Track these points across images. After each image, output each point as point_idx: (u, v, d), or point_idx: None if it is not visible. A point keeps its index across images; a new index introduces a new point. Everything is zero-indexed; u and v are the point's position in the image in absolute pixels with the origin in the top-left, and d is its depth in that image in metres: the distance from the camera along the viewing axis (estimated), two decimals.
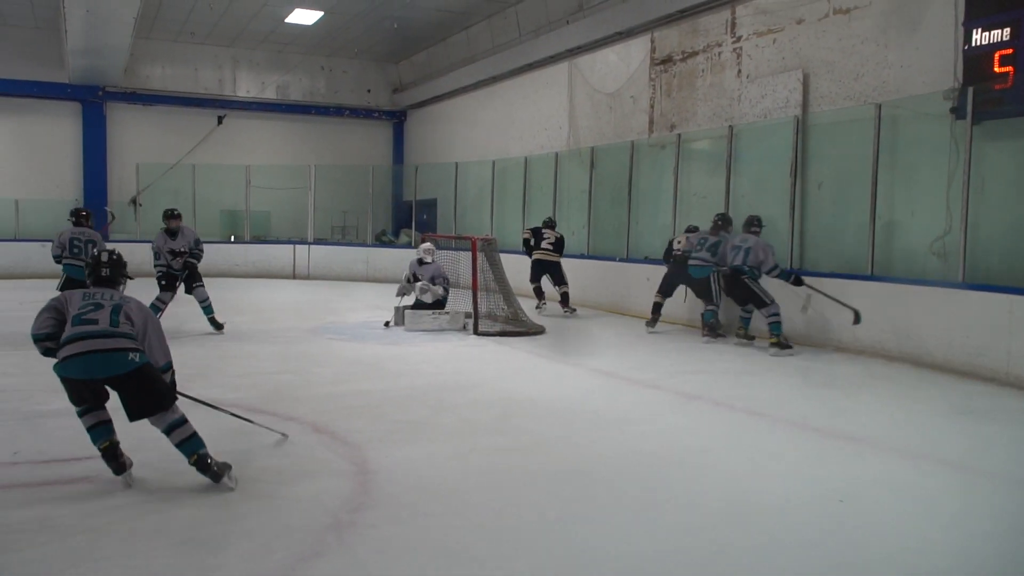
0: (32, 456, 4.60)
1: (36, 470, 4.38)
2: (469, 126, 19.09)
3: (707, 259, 9.71)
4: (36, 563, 3.22)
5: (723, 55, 11.62)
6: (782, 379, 7.52)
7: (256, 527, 3.61)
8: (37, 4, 16.24)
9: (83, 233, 9.34)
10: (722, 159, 11.10)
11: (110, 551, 3.34)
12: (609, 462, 4.79)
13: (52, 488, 4.10)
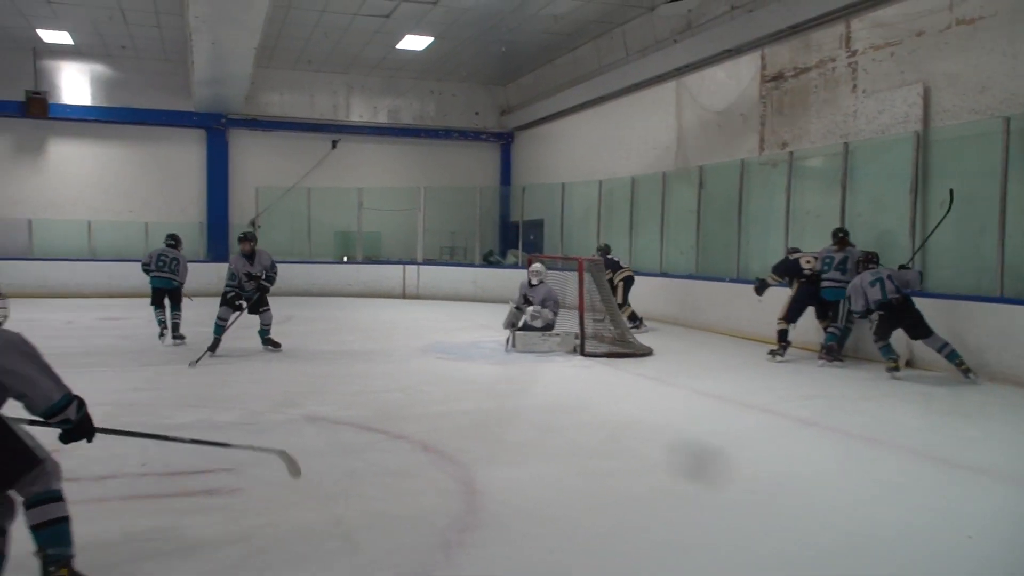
0: (158, 468, 4.82)
1: (162, 482, 4.58)
2: (576, 146, 19.14)
3: (839, 279, 9.45)
4: (159, 573, 3.37)
5: (837, 70, 11.31)
6: (903, 405, 7.21)
7: (366, 543, 3.69)
8: (167, 38, 17.19)
9: (168, 252, 10.81)
10: (837, 177, 10.78)
11: (229, 562, 3.46)
12: (719, 488, 4.69)
13: (176, 500, 4.28)
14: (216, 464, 4.78)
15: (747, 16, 12.53)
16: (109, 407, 6.50)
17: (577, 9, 15.07)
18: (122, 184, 19.78)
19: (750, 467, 5.14)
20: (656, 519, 4.13)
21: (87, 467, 4.78)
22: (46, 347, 3.11)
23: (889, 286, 8.52)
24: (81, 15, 15.69)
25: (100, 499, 4.23)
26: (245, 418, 6.20)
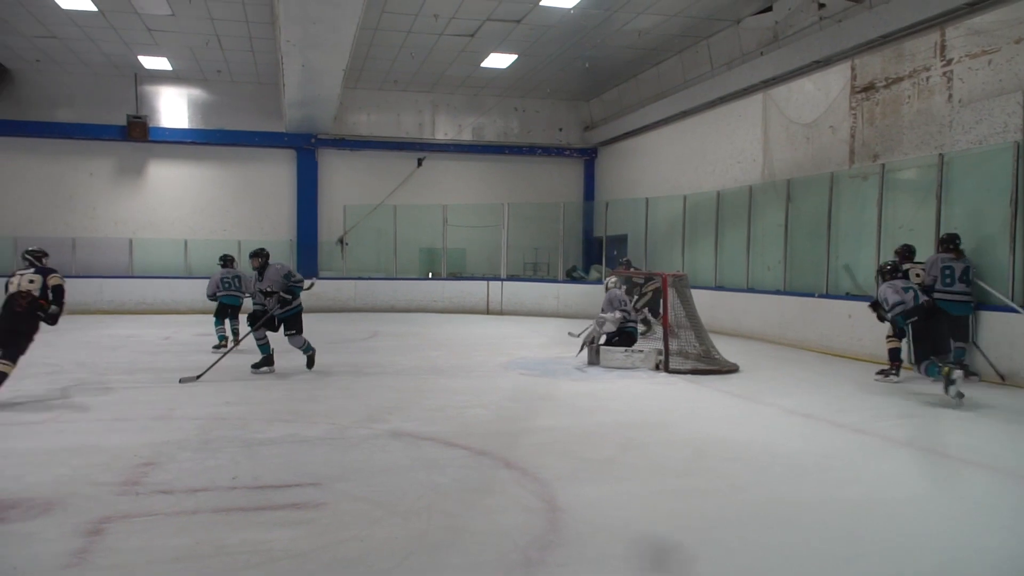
0: (248, 482, 4.95)
1: (251, 495, 4.70)
2: (660, 161, 19.01)
3: (966, 291, 9.08)
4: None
5: (931, 79, 10.97)
6: (1003, 425, 6.90)
7: (448, 559, 3.71)
8: (260, 62, 17.79)
9: (229, 272, 12.08)
10: (931, 189, 10.43)
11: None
12: (808, 509, 4.56)
13: (265, 513, 4.39)
14: (303, 479, 4.89)
15: (836, 26, 12.27)
16: (202, 420, 6.72)
17: (661, 24, 15.00)
18: (216, 203, 20.50)
19: (840, 488, 4.99)
20: (742, 541, 4.04)
21: (181, 480, 4.95)
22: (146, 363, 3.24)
23: None
24: (180, 42, 16.37)
25: (193, 511, 4.37)
26: (332, 433, 6.32)
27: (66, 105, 19.25)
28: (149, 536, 3.99)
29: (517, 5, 14.02)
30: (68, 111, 19.26)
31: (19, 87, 18.95)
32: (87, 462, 5.33)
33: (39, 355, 10.76)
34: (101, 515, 4.27)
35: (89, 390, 8.23)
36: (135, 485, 4.81)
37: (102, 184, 19.84)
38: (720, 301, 14.46)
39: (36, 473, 5.06)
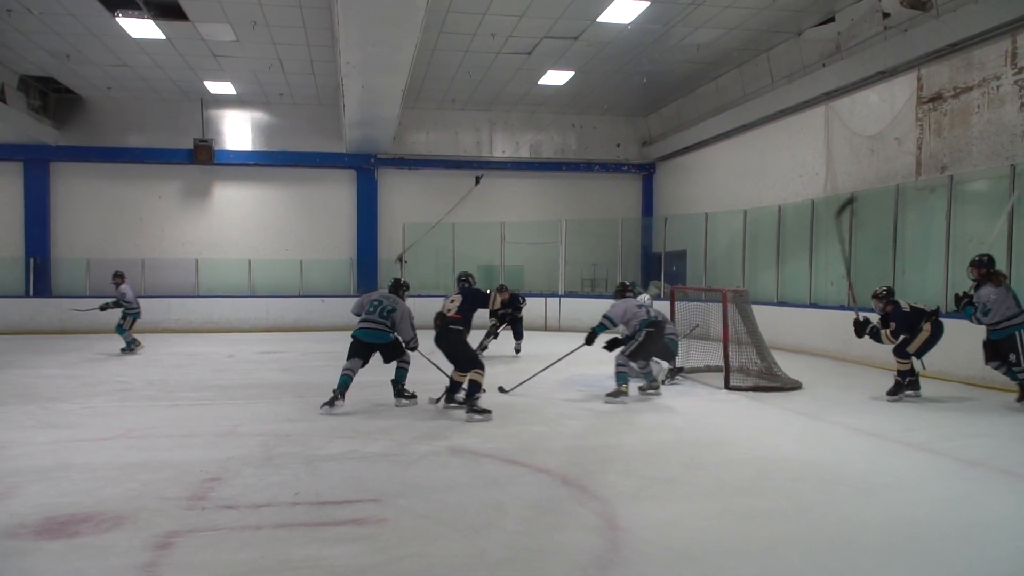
0: (310, 497, 4.99)
1: (313, 511, 4.75)
2: (719, 176, 18.81)
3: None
4: None
5: (1002, 88, 10.67)
6: None
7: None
8: (320, 84, 18.12)
9: (386, 298, 8.69)
10: (1003, 201, 10.13)
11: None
12: (876, 531, 4.43)
13: (326, 529, 4.42)
14: (364, 495, 4.92)
15: (901, 36, 12.03)
16: (265, 437, 6.82)
17: (720, 37, 14.89)
18: (279, 223, 20.88)
19: (908, 510, 4.84)
20: (809, 563, 3.95)
21: (246, 495, 5.02)
22: (211, 380, 3.30)
23: None
24: (244, 67, 16.77)
25: (257, 526, 4.42)
26: (391, 449, 6.36)
27: (136, 130, 19.84)
28: (215, 551, 4.05)
29: (574, 22, 14.06)
30: (138, 136, 19.84)
31: (92, 114, 19.60)
32: (156, 477, 5.45)
33: (112, 372, 11.07)
34: (169, 529, 4.35)
35: (158, 407, 8.42)
36: (201, 500, 4.90)
37: (169, 206, 20.38)
38: (782, 317, 14.21)
39: (107, 488, 5.19)
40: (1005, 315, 8.29)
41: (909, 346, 8.89)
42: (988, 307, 8.27)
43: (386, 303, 8.58)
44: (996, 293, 8.29)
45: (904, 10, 11.85)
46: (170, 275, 19.89)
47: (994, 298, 8.28)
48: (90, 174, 19.95)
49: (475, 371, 8.06)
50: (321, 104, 20.12)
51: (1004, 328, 8.32)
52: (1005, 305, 8.30)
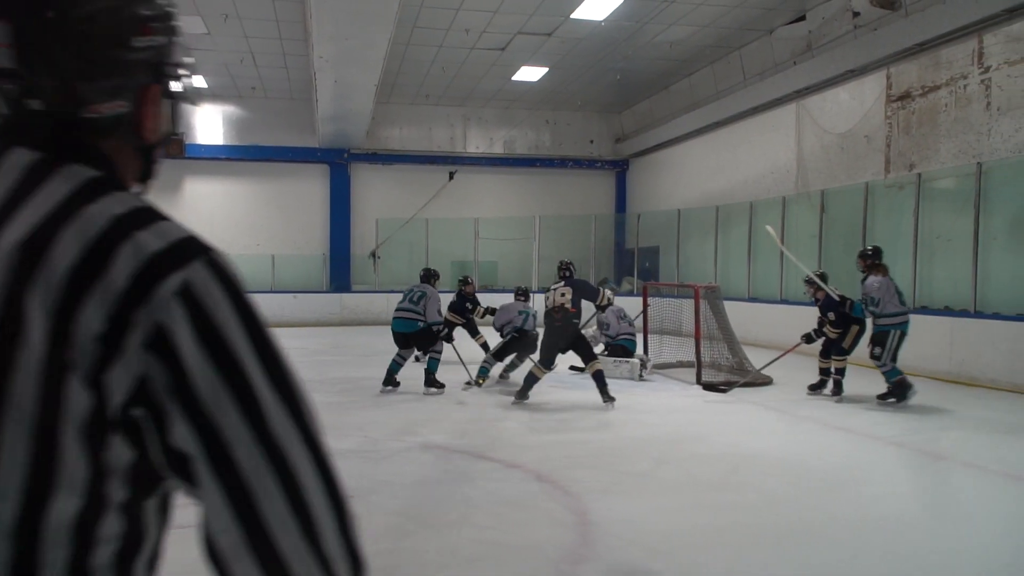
0: None
1: None
2: (692, 172, 18.92)
3: None
4: None
5: (969, 87, 10.82)
6: None
7: (481, 573, 3.70)
8: (293, 78, 18.00)
9: (418, 286, 9.43)
10: (969, 199, 10.28)
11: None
12: (844, 524, 4.49)
13: None
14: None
15: (871, 35, 12.15)
16: None
17: (693, 35, 14.96)
18: (250, 218, 20.71)
19: (876, 503, 4.91)
20: (778, 556, 3.99)
21: None
22: None
23: None
24: (215, 60, 16.61)
25: None
26: (364, 445, 6.34)
27: None
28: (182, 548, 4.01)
29: (548, 18, 14.06)
30: None
31: None
32: None
33: None
34: None
35: None
36: None
37: None
38: (754, 313, 14.33)
39: None
40: (885, 311, 8.15)
41: (844, 342, 8.76)
42: (875, 297, 8.12)
43: (416, 290, 9.25)
44: (880, 282, 8.19)
45: (874, 9, 11.97)
46: None
47: (877, 286, 8.16)
48: None
49: (597, 361, 8.44)
50: (294, 98, 19.97)
51: (881, 324, 8.21)
52: (889, 296, 8.17)
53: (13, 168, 0.90)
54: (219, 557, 0.88)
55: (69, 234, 0.85)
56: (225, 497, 0.86)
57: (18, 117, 0.93)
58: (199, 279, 0.87)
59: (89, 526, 0.85)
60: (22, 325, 0.82)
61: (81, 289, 0.83)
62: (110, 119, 0.97)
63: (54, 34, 0.91)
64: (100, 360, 0.83)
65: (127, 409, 0.84)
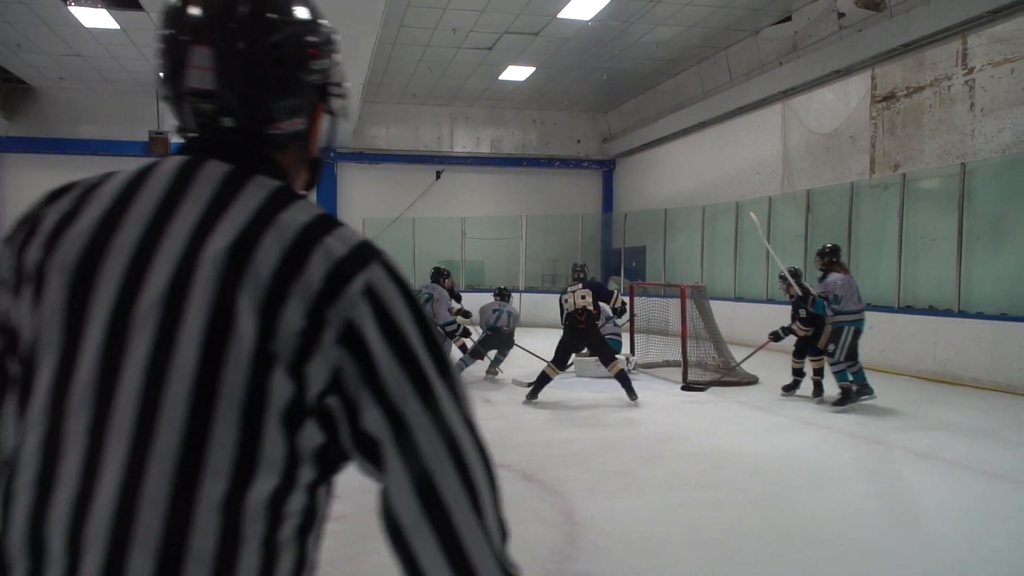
0: None
1: None
2: (678, 172, 18.97)
3: None
4: None
5: (953, 88, 10.90)
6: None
7: None
8: None
9: (427, 287, 9.64)
10: (953, 199, 10.35)
11: None
12: (828, 523, 4.52)
13: None
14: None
15: (856, 35, 12.21)
16: None
17: (680, 35, 15.00)
18: None
19: (859, 501, 4.94)
20: (762, 554, 4.01)
21: None
22: None
23: None
24: None
25: None
26: None
27: (89, 122, 19.47)
28: None
29: (535, 18, 14.07)
30: (91, 127, 19.47)
31: (44, 104, 19.20)
32: None
33: None
34: None
35: None
36: None
37: None
38: (740, 312, 14.38)
39: None
40: (845, 308, 8.12)
41: (819, 341, 8.72)
42: (839, 295, 8.09)
43: (424, 291, 9.26)
44: (842, 279, 8.17)
45: (859, 10, 12.03)
46: None
47: (840, 283, 8.12)
48: (42, 166, 19.50)
49: (617, 361, 8.60)
50: None
51: (837, 321, 8.17)
52: (850, 294, 8.15)
53: (210, 178, 1.01)
54: (401, 534, 0.99)
55: (269, 240, 0.95)
56: (409, 477, 0.96)
57: (211, 133, 1.05)
58: (378, 279, 0.98)
59: (280, 503, 0.96)
60: (233, 321, 0.92)
61: (284, 290, 0.93)
62: (288, 135, 1.10)
63: (249, 59, 1.03)
64: (301, 353, 0.93)
65: (322, 398, 0.95)
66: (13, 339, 1.02)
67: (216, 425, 0.91)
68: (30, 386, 0.97)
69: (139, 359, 0.92)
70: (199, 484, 0.91)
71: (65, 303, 0.96)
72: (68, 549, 0.91)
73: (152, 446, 0.90)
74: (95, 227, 0.99)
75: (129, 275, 0.95)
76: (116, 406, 0.92)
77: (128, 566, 0.89)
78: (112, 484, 0.90)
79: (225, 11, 1.03)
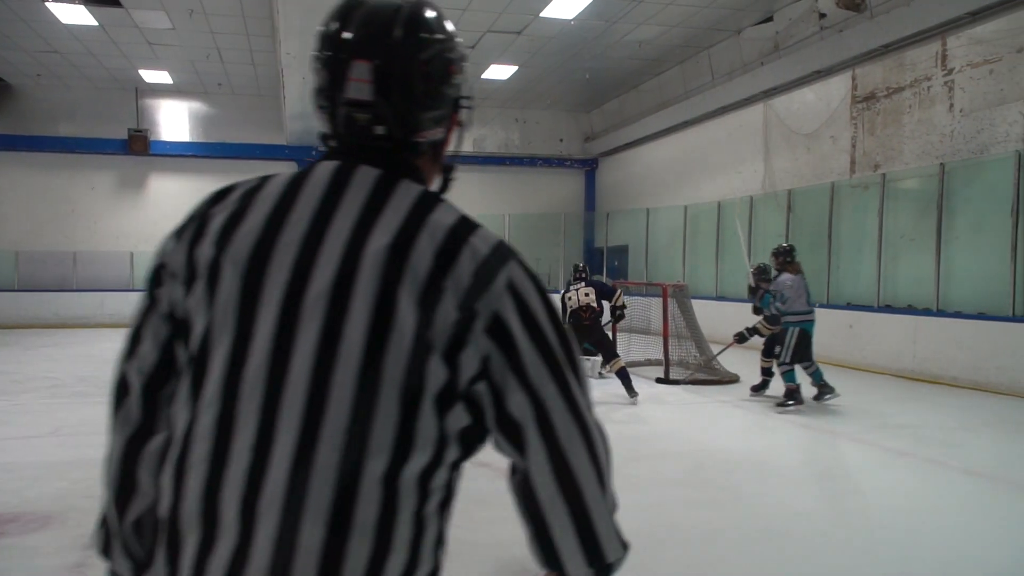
0: None
1: None
2: (660, 172, 19.01)
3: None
4: None
5: (932, 89, 10.97)
6: (1006, 436, 6.88)
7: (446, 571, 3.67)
8: (260, 75, 17.83)
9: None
10: (932, 199, 10.43)
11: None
12: (808, 521, 4.54)
13: None
14: None
15: (837, 36, 12.27)
16: None
17: (662, 34, 15.02)
18: None
19: (839, 499, 4.96)
20: (741, 553, 4.02)
21: None
22: None
23: None
24: (181, 56, 16.41)
25: None
26: None
27: (67, 119, 19.27)
28: None
29: (517, 17, 14.06)
30: (69, 125, 19.28)
31: (20, 102, 18.99)
32: (87, 476, 5.31)
33: (41, 368, 10.77)
34: None
35: (90, 404, 8.21)
36: None
37: (103, 198, 19.85)
38: (721, 311, 14.43)
39: (35, 487, 5.05)
40: (792, 308, 8.14)
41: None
42: (785, 295, 8.13)
43: None
44: (793, 280, 8.22)
45: (840, 11, 12.09)
46: (104, 268, 19.37)
47: (790, 284, 8.18)
48: (18, 163, 19.31)
49: (619, 359, 8.74)
50: (261, 95, 19.79)
51: (784, 322, 8.16)
52: (798, 295, 8.17)
53: (364, 182, 1.13)
54: (537, 509, 1.12)
55: (423, 240, 1.06)
56: (547, 456, 1.07)
57: (364, 140, 1.17)
58: (518, 275, 1.10)
59: (428, 479, 1.07)
60: (395, 312, 1.02)
61: (439, 285, 1.04)
62: (429, 143, 1.23)
63: (403, 74, 1.15)
64: (455, 342, 1.04)
65: (472, 383, 1.07)
66: (181, 327, 1.13)
67: (380, 406, 1.02)
68: (203, 369, 1.07)
69: (309, 345, 1.02)
70: (365, 459, 1.01)
71: (239, 294, 1.07)
72: (241, 517, 1.00)
73: (323, 425, 1.00)
74: (263, 225, 1.10)
75: (297, 268, 1.05)
76: (287, 388, 1.01)
77: (301, 532, 0.99)
78: (285, 458, 1.00)
79: (384, 30, 1.15)
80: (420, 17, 1.19)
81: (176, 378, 1.14)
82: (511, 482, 1.17)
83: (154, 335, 1.16)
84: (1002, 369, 9.05)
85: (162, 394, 1.16)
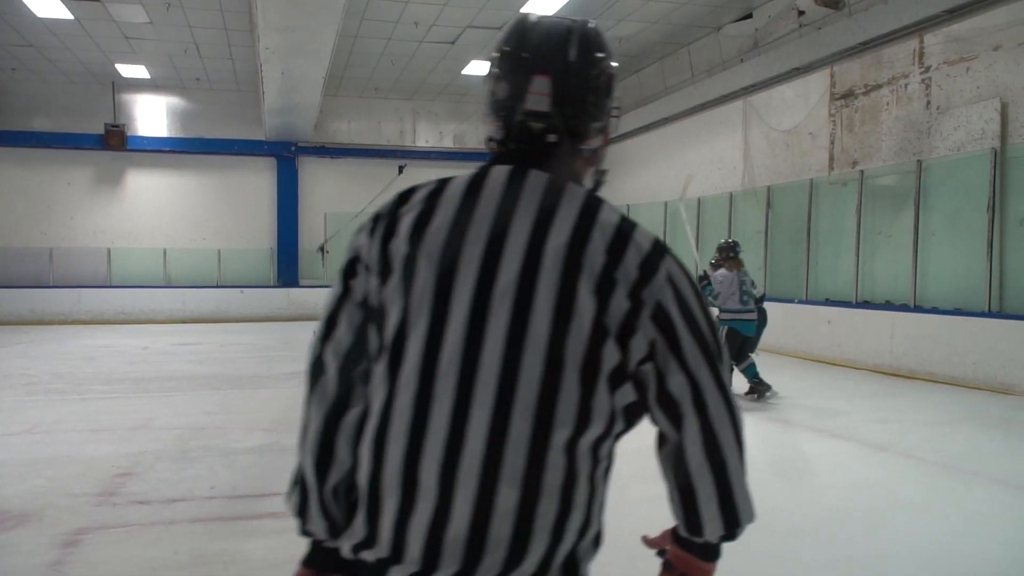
0: (226, 491, 4.89)
1: (229, 505, 4.65)
2: (640, 168, 19.04)
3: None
4: None
5: (910, 87, 11.06)
6: (982, 431, 6.95)
7: None
8: (239, 70, 17.70)
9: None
10: (910, 196, 10.52)
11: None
12: (786, 517, 4.56)
13: (243, 523, 4.34)
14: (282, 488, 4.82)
15: (816, 33, 12.34)
16: (181, 430, 6.65)
17: (642, 31, 15.05)
18: (195, 212, 20.32)
19: (817, 494, 4.99)
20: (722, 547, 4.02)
21: (159, 490, 4.89)
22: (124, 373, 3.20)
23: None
24: (158, 50, 16.26)
25: (170, 521, 4.31)
26: None
27: (43, 114, 19.05)
28: (126, 547, 3.93)
29: (497, 12, 14.03)
30: (45, 120, 19.05)
31: None
32: (63, 473, 5.26)
33: (17, 365, 10.66)
34: (77, 526, 4.21)
35: (66, 401, 8.13)
36: (112, 496, 4.75)
37: (80, 193, 19.64)
38: None
39: (11, 485, 4.99)
40: (724, 306, 8.20)
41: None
42: (716, 290, 8.22)
43: None
44: (723, 275, 8.31)
45: (818, 8, 12.15)
46: (80, 264, 19.17)
47: (720, 279, 8.27)
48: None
49: None
50: (240, 90, 19.65)
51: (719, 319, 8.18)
52: (729, 292, 8.21)
53: (537, 185, 1.27)
54: (686, 478, 1.26)
55: (596, 237, 1.21)
56: (700, 430, 1.22)
57: (537, 147, 1.31)
58: (673, 268, 1.25)
59: (598, 448, 1.24)
60: (575, 301, 1.17)
61: (612, 276, 1.19)
62: (590, 151, 1.37)
63: (578, 88, 1.31)
64: (627, 328, 1.20)
65: (640, 364, 1.22)
66: (375, 314, 1.26)
67: (564, 384, 1.16)
68: (401, 351, 1.21)
69: (499, 330, 1.17)
70: (552, 430, 1.16)
71: (434, 285, 1.20)
72: (441, 483, 1.15)
73: (515, 401, 1.15)
74: (451, 223, 1.25)
75: (485, 263, 1.20)
76: (481, 368, 1.16)
77: (497, 495, 1.14)
78: (481, 430, 1.15)
79: (560, 49, 1.31)
80: (591, 37, 1.35)
81: (367, 358, 1.28)
82: (660, 452, 1.32)
83: (349, 320, 1.30)
84: (978, 364, 9.14)
85: (355, 372, 1.29)
